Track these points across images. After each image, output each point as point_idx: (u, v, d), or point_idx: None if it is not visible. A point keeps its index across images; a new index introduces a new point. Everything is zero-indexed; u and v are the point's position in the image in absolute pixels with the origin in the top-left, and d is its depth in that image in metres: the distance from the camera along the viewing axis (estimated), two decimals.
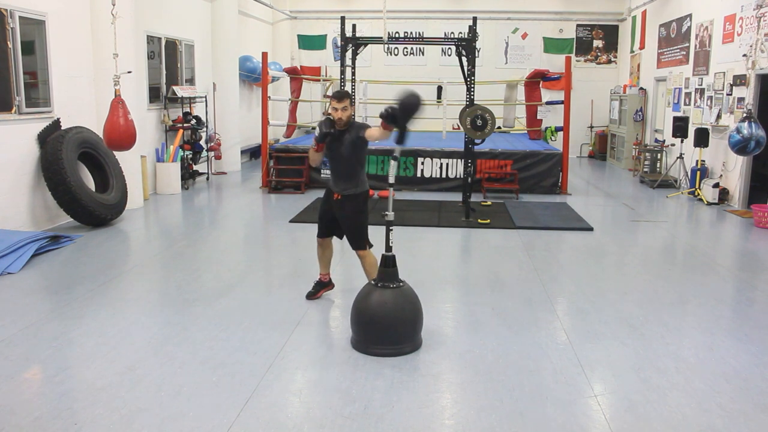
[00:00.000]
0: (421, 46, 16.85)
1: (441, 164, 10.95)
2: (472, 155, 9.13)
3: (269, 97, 11.31)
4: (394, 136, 4.28)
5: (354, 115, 4.89)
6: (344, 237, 4.99)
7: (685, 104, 11.84)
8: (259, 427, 3.25)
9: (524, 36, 16.88)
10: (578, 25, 16.79)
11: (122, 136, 6.98)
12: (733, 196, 9.79)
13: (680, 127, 10.97)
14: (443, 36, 16.20)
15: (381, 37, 8.55)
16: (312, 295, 5.20)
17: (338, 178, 4.83)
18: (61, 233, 7.04)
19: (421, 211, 9.08)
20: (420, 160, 10.94)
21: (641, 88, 14.46)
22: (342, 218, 4.86)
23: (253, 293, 5.43)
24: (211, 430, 3.22)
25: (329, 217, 4.96)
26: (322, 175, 11.12)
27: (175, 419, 3.31)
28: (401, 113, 4.15)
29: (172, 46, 10.91)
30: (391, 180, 4.41)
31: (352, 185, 4.79)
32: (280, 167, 10.95)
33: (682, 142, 11.00)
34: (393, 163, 4.35)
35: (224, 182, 11.85)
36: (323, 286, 5.27)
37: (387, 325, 4.14)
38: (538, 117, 12.29)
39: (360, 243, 4.86)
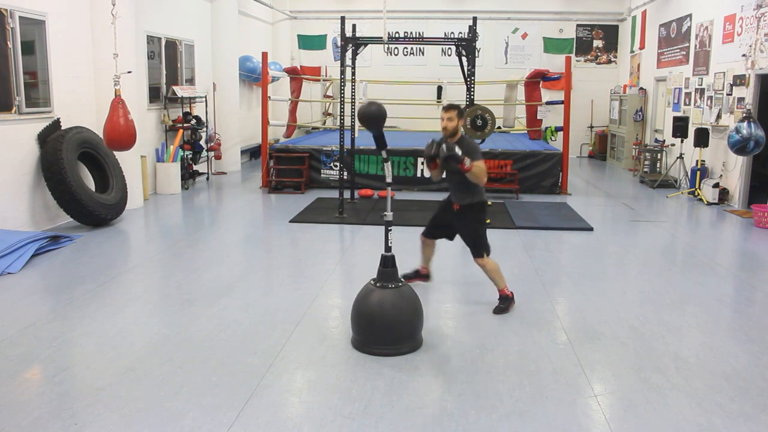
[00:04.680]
0: (421, 46, 16.85)
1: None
2: None
3: (269, 97, 11.30)
4: (376, 144, 4.41)
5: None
6: (453, 239, 5.27)
7: (685, 104, 11.84)
8: (259, 427, 3.25)
9: (524, 36, 16.88)
10: (578, 25, 16.79)
11: (122, 136, 6.99)
12: (733, 196, 9.79)
13: (680, 127, 10.97)
14: (443, 36, 16.20)
15: (381, 37, 8.54)
16: (408, 278, 5.16)
17: (455, 189, 5.00)
18: (61, 233, 7.04)
19: (421, 211, 9.08)
20: (420, 160, 10.94)
21: (641, 88, 14.47)
22: (461, 228, 5.03)
23: (253, 293, 5.43)
24: (211, 430, 3.22)
25: (443, 224, 5.18)
26: (322, 175, 11.14)
27: (175, 419, 3.31)
28: (364, 123, 4.35)
29: (172, 46, 10.91)
30: (389, 180, 4.42)
31: (469, 195, 4.91)
32: (280, 167, 10.95)
33: (682, 142, 11.00)
34: (387, 164, 4.39)
35: (224, 182, 11.85)
36: (419, 276, 5.50)
37: (387, 325, 4.14)
38: (538, 117, 12.27)
39: (477, 251, 4.99)
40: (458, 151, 4.50)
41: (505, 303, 5.03)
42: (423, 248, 5.44)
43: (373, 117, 4.30)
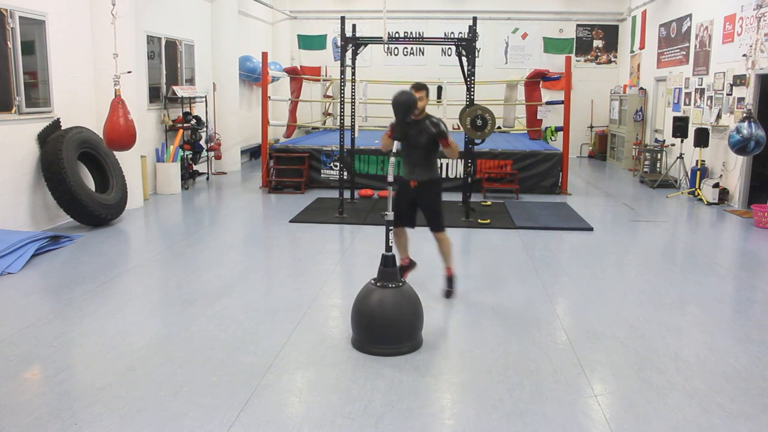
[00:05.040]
0: (421, 46, 16.85)
1: (441, 164, 10.95)
2: (472, 155, 9.12)
3: (269, 97, 11.30)
4: (396, 132, 4.70)
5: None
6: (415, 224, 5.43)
7: (685, 104, 11.84)
8: (259, 427, 3.25)
9: (524, 36, 16.88)
10: (578, 25, 16.79)
11: (122, 136, 6.98)
12: (733, 196, 9.79)
13: (680, 127, 10.97)
14: (443, 36, 16.20)
15: (381, 37, 8.54)
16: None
17: (415, 166, 5.16)
18: (61, 233, 7.04)
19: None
20: None
21: (641, 88, 14.47)
22: (423, 203, 5.22)
23: (253, 293, 5.43)
24: (211, 430, 3.22)
25: (406, 205, 5.25)
26: (322, 175, 11.14)
27: (175, 419, 3.31)
28: (398, 110, 4.67)
29: (172, 46, 10.91)
30: (390, 179, 4.43)
31: (429, 171, 5.17)
32: (280, 167, 10.95)
33: (682, 142, 11.00)
34: (392, 160, 4.40)
35: (224, 182, 11.85)
36: (405, 269, 5.54)
37: (387, 325, 4.14)
38: (538, 117, 12.28)
39: (440, 225, 5.20)
40: (442, 127, 4.99)
41: (452, 285, 5.36)
42: (396, 240, 5.36)
43: (403, 104, 4.68)
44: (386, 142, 5.04)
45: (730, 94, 9.87)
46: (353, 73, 9.76)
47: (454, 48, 9.92)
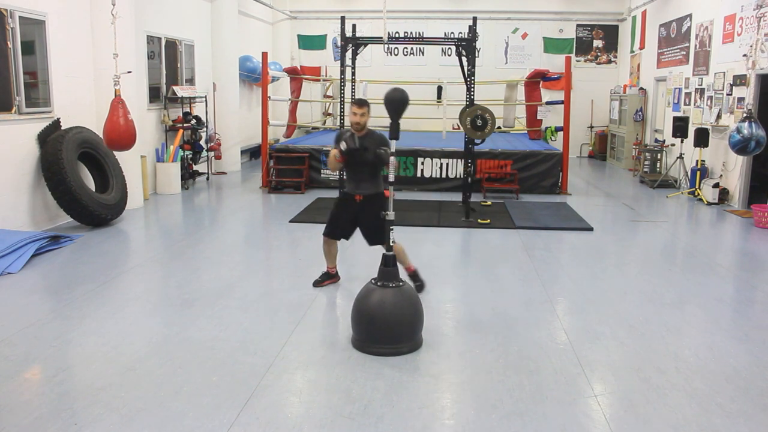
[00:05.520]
0: (421, 46, 16.85)
1: (441, 164, 10.96)
2: (472, 155, 9.13)
3: (269, 97, 11.31)
4: (390, 131, 4.54)
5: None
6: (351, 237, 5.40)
7: (685, 104, 11.84)
8: (259, 427, 3.25)
9: (524, 36, 16.88)
10: (578, 25, 16.79)
11: (122, 136, 6.99)
12: (733, 196, 9.79)
13: (680, 127, 10.97)
14: (443, 36, 16.20)
15: (381, 37, 8.54)
16: (319, 283, 5.53)
17: (361, 181, 5.19)
18: (61, 233, 7.04)
19: (421, 211, 9.08)
20: (420, 160, 10.94)
21: (641, 88, 14.46)
22: (366, 217, 5.15)
23: (253, 293, 5.43)
24: (211, 430, 3.22)
25: (346, 221, 5.31)
26: (322, 175, 11.14)
27: (175, 419, 3.31)
28: (390, 108, 4.54)
29: (172, 46, 10.91)
30: (391, 179, 4.43)
31: (374, 186, 5.20)
32: (280, 167, 10.95)
33: (682, 142, 11.00)
34: (392, 159, 4.40)
35: (224, 182, 11.85)
36: (330, 277, 5.61)
37: (387, 325, 4.14)
38: (538, 117, 12.27)
39: (383, 238, 4.96)
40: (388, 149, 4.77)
41: (419, 279, 5.38)
42: (326, 249, 5.49)
43: (395, 101, 4.52)
44: (335, 165, 5.16)
45: (730, 94, 9.87)
46: (353, 73, 9.75)
47: (454, 48, 9.92)
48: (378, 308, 4.17)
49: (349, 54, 9.37)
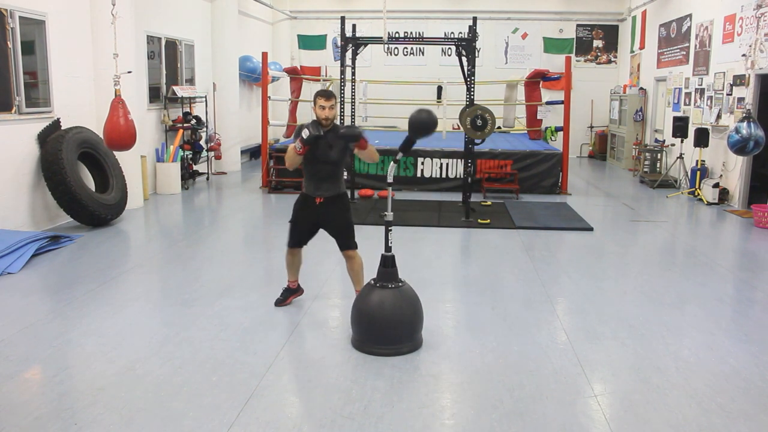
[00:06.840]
0: (421, 46, 16.85)
1: (441, 164, 10.95)
2: (472, 155, 9.12)
3: (269, 97, 11.30)
4: (402, 144, 4.35)
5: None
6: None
7: (685, 104, 11.84)
8: (259, 427, 3.25)
9: (524, 36, 16.87)
10: (578, 25, 16.79)
11: (122, 136, 6.98)
12: (733, 196, 9.79)
13: (680, 127, 10.97)
14: (443, 36, 16.20)
15: (381, 37, 8.54)
16: (281, 302, 5.06)
17: (322, 181, 4.74)
18: (61, 233, 7.04)
19: (421, 211, 9.08)
20: (420, 160, 10.94)
21: (641, 88, 14.46)
22: (330, 220, 4.79)
23: (253, 293, 5.43)
24: (211, 430, 3.22)
25: (308, 226, 4.88)
26: None
27: (175, 419, 3.31)
28: (413, 129, 4.25)
29: (172, 46, 10.91)
30: (390, 179, 4.42)
31: (336, 186, 4.79)
32: (280, 167, 10.94)
33: (682, 142, 11.00)
34: (392, 164, 4.38)
35: (224, 182, 11.85)
36: (292, 292, 5.14)
37: (387, 325, 4.14)
38: (538, 117, 12.28)
39: (351, 242, 4.80)
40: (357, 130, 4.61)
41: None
42: (290, 260, 5.02)
43: (422, 127, 4.25)
44: (295, 160, 4.60)
45: (730, 94, 9.87)
46: (353, 73, 9.76)
47: (454, 48, 9.92)
48: (378, 308, 4.17)
49: (349, 54, 9.37)
